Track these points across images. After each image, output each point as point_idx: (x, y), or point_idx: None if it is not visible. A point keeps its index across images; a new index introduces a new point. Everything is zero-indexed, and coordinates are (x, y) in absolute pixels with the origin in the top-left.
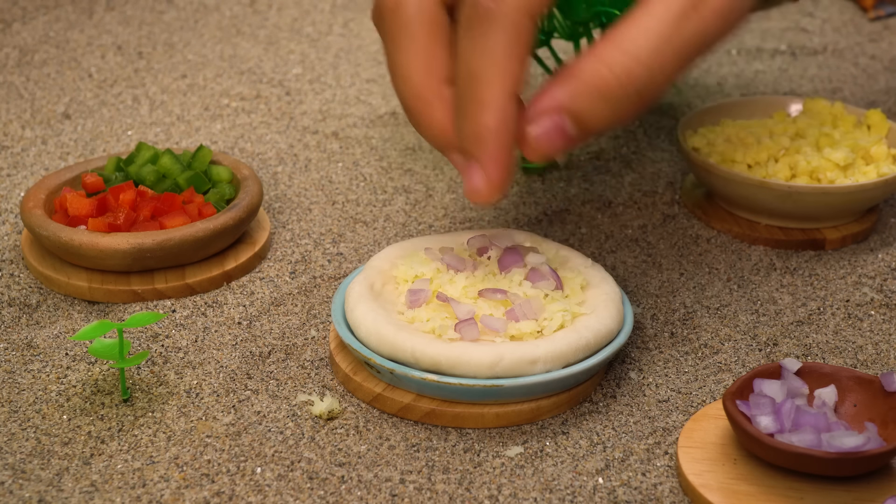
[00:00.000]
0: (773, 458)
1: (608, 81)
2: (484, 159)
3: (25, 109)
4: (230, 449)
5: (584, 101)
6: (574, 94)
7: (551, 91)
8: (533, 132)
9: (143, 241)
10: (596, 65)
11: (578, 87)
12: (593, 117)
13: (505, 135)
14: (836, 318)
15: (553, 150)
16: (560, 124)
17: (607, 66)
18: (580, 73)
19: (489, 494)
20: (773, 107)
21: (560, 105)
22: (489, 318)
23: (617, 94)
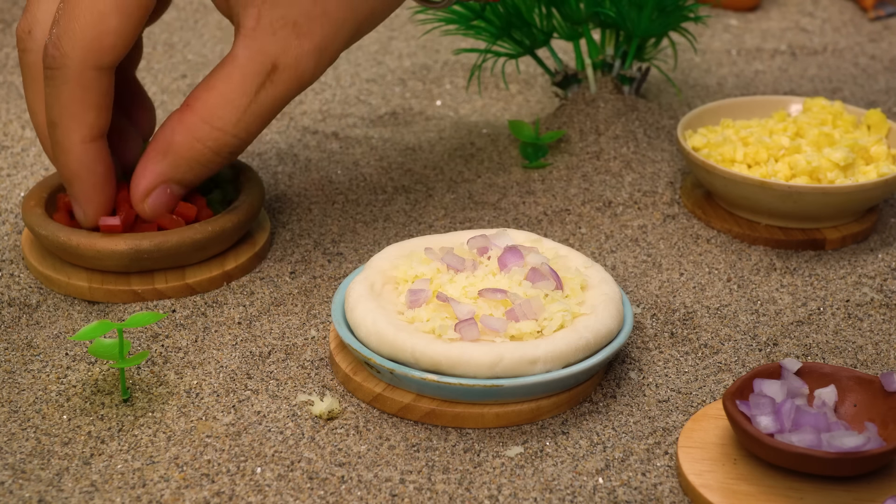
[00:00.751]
0: (773, 458)
1: (201, 152)
2: (74, 196)
3: (25, 109)
4: (230, 449)
5: (183, 170)
6: (173, 168)
7: (150, 167)
8: (146, 205)
9: (141, 242)
10: (188, 139)
11: (177, 161)
12: (194, 178)
13: (88, 177)
14: (836, 318)
15: (167, 210)
16: (168, 192)
17: (199, 140)
18: (176, 148)
19: (489, 494)
20: (773, 107)
21: (162, 178)
22: (489, 318)
23: (212, 159)
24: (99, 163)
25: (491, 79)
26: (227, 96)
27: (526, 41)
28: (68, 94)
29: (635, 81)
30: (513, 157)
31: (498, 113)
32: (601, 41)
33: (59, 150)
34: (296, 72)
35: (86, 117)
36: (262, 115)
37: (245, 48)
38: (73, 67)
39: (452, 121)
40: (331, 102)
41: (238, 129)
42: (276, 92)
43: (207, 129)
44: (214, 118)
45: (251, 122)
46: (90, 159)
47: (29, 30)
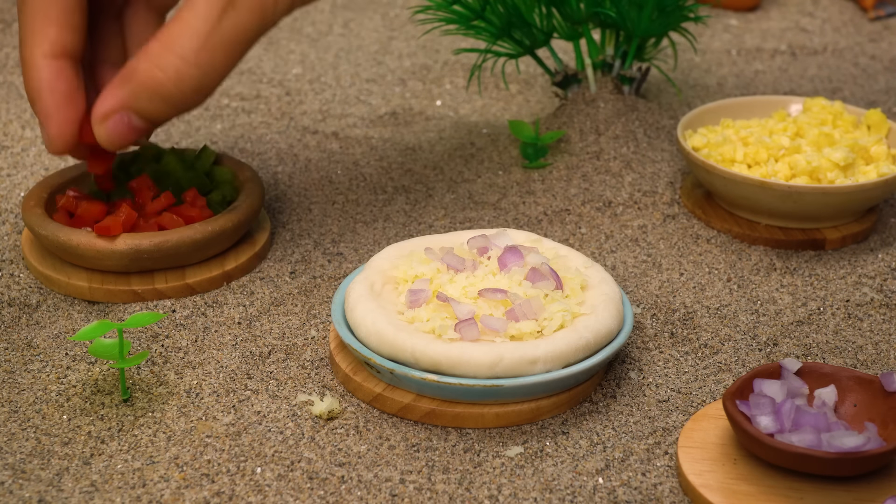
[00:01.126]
0: (773, 458)
1: (162, 82)
2: (38, 114)
3: (25, 109)
4: (230, 449)
5: (143, 100)
6: (133, 95)
7: (112, 91)
8: (103, 129)
9: (141, 242)
10: (149, 67)
11: (136, 89)
12: (156, 112)
13: (48, 95)
14: (836, 318)
15: (126, 141)
16: (126, 120)
17: (160, 67)
18: (137, 75)
19: (489, 494)
20: (773, 107)
21: (123, 104)
22: (489, 318)
23: (171, 91)
24: (60, 80)
25: (491, 79)
26: (189, 23)
27: (526, 41)
28: (28, 10)
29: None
30: (513, 157)
31: (498, 113)
32: (601, 41)
33: (23, 69)
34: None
35: (47, 31)
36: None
37: None
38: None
39: (452, 121)
40: (331, 102)
41: (200, 59)
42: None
43: (169, 57)
44: (175, 45)
45: (214, 53)
46: (50, 75)
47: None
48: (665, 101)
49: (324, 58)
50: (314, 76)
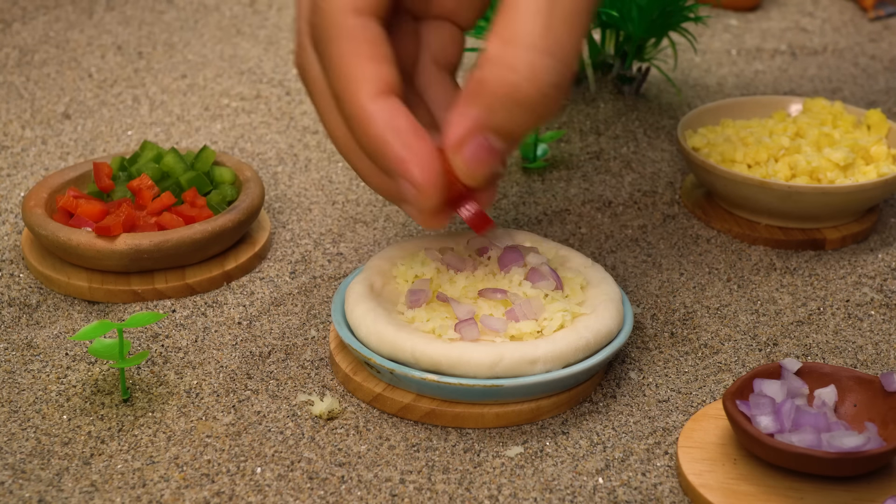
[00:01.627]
0: (773, 458)
1: (518, 84)
2: (395, 167)
3: (25, 109)
4: (230, 449)
5: (501, 114)
6: (488, 108)
7: (462, 112)
8: (461, 160)
9: (141, 242)
10: (497, 70)
11: (490, 101)
12: (516, 125)
13: (395, 136)
14: (836, 318)
15: (488, 170)
16: (485, 143)
17: (510, 67)
18: (485, 85)
19: (489, 494)
20: (773, 107)
21: (477, 124)
22: (489, 318)
23: (531, 94)
24: (398, 117)
25: None
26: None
27: None
28: (337, 54)
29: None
30: (513, 157)
31: None
32: (601, 41)
33: (353, 125)
34: None
35: (364, 72)
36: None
37: None
38: (334, 18)
39: None
40: None
41: (549, 42)
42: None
43: (515, 52)
44: (518, 36)
45: (561, 30)
46: (386, 115)
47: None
48: (665, 101)
49: None
50: None
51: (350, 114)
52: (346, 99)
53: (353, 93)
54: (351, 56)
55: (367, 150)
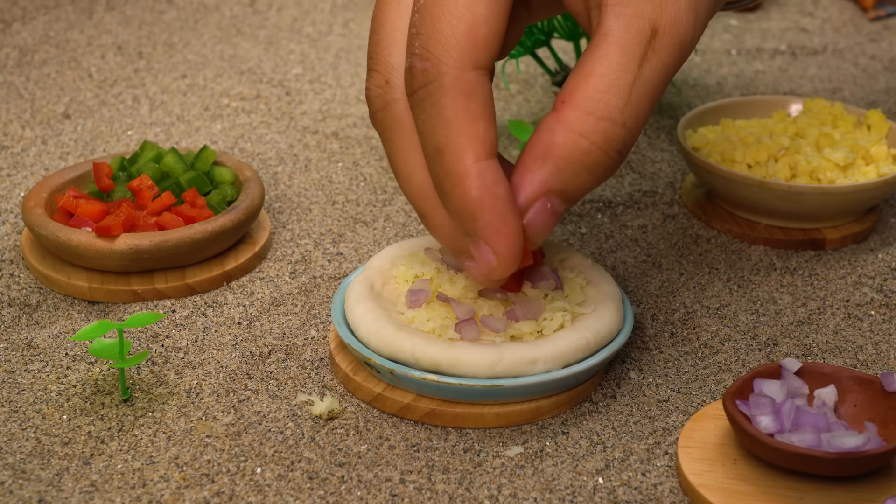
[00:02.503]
0: (773, 458)
1: (588, 151)
2: (483, 233)
3: (25, 109)
4: (230, 449)
5: (568, 177)
6: (556, 173)
7: (531, 175)
8: (527, 225)
9: (141, 242)
10: (571, 137)
11: (559, 165)
12: (579, 188)
13: (492, 202)
14: (836, 318)
15: (547, 232)
16: (549, 207)
17: (583, 135)
18: (557, 149)
19: (489, 494)
20: (773, 107)
21: (545, 188)
22: (489, 318)
23: (599, 160)
24: (499, 183)
25: None
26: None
27: (526, 41)
28: (451, 108)
29: None
30: (513, 157)
31: (498, 113)
32: None
33: (451, 181)
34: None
35: (475, 130)
36: (649, 94)
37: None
38: (450, 73)
39: None
40: (331, 102)
41: (626, 116)
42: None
43: (592, 122)
44: (598, 107)
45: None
46: (492, 181)
47: (386, 80)
48: (665, 101)
49: (324, 58)
50: (314, 76)
51: (450, 170)
52: (451, 155)
53: (460, 151)
54: (464, 112)
55: (457, 207)
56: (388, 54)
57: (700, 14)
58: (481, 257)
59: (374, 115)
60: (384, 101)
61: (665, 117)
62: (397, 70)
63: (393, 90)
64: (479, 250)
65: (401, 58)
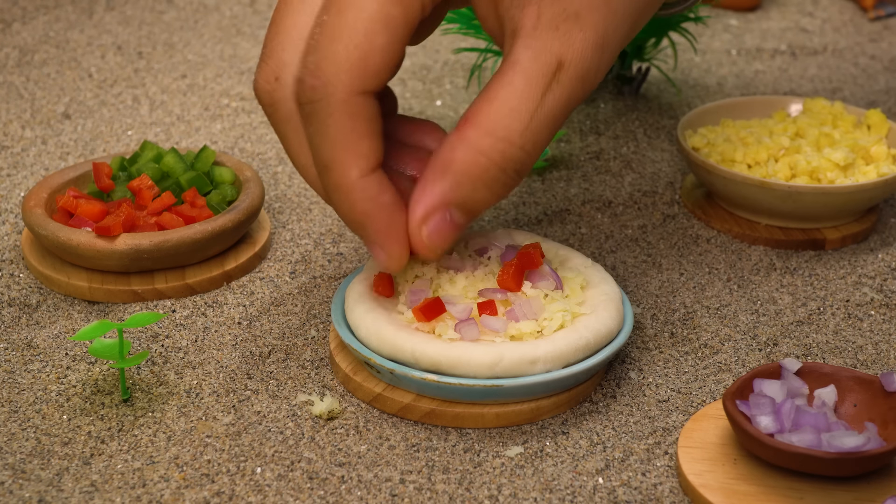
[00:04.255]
0: (773, 458)
1: (486, 168)
2: (371, 240)
3: (25, 109)
4: (230, 449)
5: (466, 191)
6: (455, 187)
7: (431, 187)
8: (424, 231)
9: (141, 242)
10: (471, 154)
11: (458, 179)
12: (477, 202)
13: (378, 212)
14: (836, 318)
15: (448, 243)
16: (448, 218)
17: (482, 153)
18: (457, 165)
19: (489, 494)
20: (773, 107)
21: (444, 199)
22: (489, 318)
23: (496, 177)
24: (384, 192)
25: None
26: (510, 104)
27: None
28: (337, 128)
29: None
30: None
31: None
32: None
33: (338, 195)
34: (581, 67)
35: (359, 148)
36: (548, 123)
37: (527, 49)
38: (338, 95)
39: (452, 121)
40: None
41: (525, 140)
42: (563, 94)
43: (491, 141)
44: (499, 128)
45: (538, 132)
46: (374, 191)
47: (276, 76)
48: (665, 101)
49: None
50: None
51: (337, 184)
52: (336, 171)
53: (345, 168)
54: (350, 132)
55: (347, 218)
56: (281, 50)
57: (606, 52)
58: (376, 257)
59: (264, 108)
60: (272, 98)
61: (665, 117)
62: (288, 67)
63: (282, 88)
64: (374, 252)
65: (294, 56)
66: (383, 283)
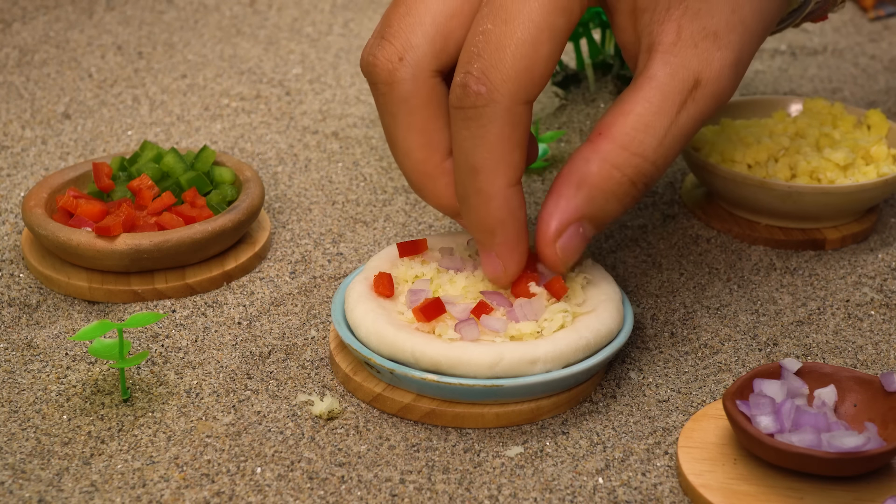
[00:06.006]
0: (773, 458)
1: (620, 183)
2: (497, 250)
3: (25, 109)
4: (230, 449)
5: (599, 204)
6: (590, 201)
7: (566, 203)
8: (560, 250)
9: (141, 242)
10: (606, 168)
11: (593, 193)
12: (608, 215)
13: (512, 225)
14: (836, 318)
15: (577, 256)
16: (580, 232)
17: (617, 168)
18: (591, 178)
19: (489, 494)
20: (773, 107)
21: (579, 214)
22: (489, 318)
23: (628, 191)
24: (521, 207)
25: None
26: (646, 119)
27: None
28: (496, 134)
29: None
30: None
31: None
32: (601, 41)
33: (479, 198)
34: (717, 86)
35: (513, 158)
36: (681, 139)
37: (665, 65)
38: (504, 103)
39: None
40: (331, 102)
41: (657, 156)
42: (697, 111)
43: (626, 156)
44: (634, 144)
45: (670, 147)
46: (516, 205)
47: (400, 57)
48: None
49: (324, 58)
50: (314, 76)
51: (482, 189)
52: (486, 176)
53: (496, 174)
54: (508, 141)
55: (480, 221)
56: (411, 32)
57: (740, 70)
58: (491, 266)
59: (377, 87)
60: (392, 77)
61: None
62: (416, 51)
63: (405, 68)
64: (489, 260)
65: (424, 41)
66: (383, 283)
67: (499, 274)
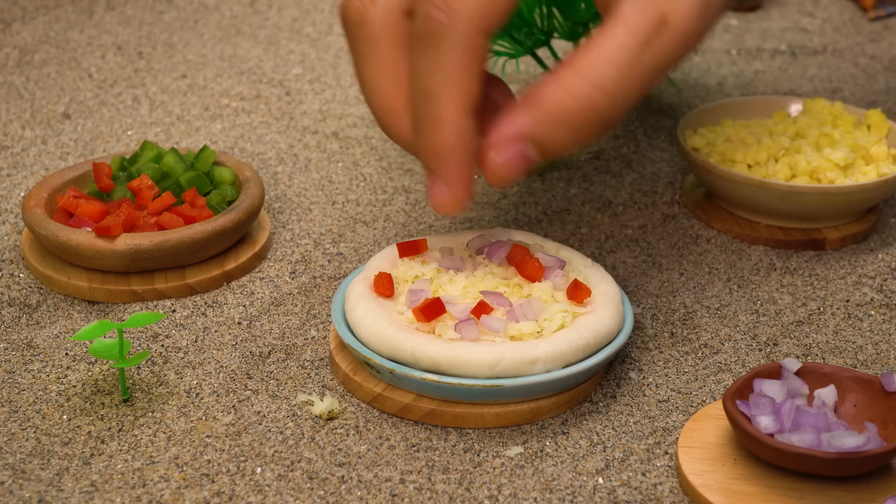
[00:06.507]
0: (773, 458)
1: (572, 110)
2: (445, 175)
3: (25, 109)
4: (230, 449)
5: (547, 129)
6: (537, 122)
7: (514, 118)
8: (497, 159)
9: (141, 242)
10: (560, 93)
11: (541, 115)
12: (555, 143)
13: (463, 151)
14: (836, 318)
15: (514, 174)
16: (522, 151)
17: (571, 95)
18: (544, 101)
19: (489, 494)
20: (773, 107)
21: (523, 133)
22: (489, 319)
23: (580, 121)
24: (473, 136)
25: None
26: (608, 52)
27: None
28: (454, 61)
29: None
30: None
31: None
32: None
33: (434, 124)
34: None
35: (469, 86)
36: (643, 78)
37: (633, 3)
38: (463, 32)
39: None
40: (331, 102)
41: (616, 90)
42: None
43: (582, 85)
44: (591, 73)
45: (631, 84)
46: (465, 131)
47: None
48: (665, 101)
49: (324, 58)
50: (314, 76)
51: (436, 114)
52: (440, 101)
53: (449, 99)
54: (462, 68)
55: (430, 146)
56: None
57: (708, 15)
58: (437, 194)
59: (349, 27)
60: (363, 17)
61: (665, 117)
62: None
63: (375, 8)
64: (436, 188)
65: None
66: (383, 283)
67: (444, 200)
